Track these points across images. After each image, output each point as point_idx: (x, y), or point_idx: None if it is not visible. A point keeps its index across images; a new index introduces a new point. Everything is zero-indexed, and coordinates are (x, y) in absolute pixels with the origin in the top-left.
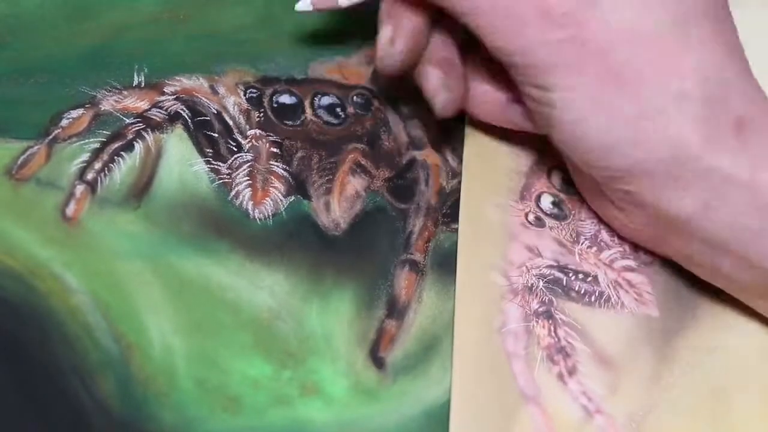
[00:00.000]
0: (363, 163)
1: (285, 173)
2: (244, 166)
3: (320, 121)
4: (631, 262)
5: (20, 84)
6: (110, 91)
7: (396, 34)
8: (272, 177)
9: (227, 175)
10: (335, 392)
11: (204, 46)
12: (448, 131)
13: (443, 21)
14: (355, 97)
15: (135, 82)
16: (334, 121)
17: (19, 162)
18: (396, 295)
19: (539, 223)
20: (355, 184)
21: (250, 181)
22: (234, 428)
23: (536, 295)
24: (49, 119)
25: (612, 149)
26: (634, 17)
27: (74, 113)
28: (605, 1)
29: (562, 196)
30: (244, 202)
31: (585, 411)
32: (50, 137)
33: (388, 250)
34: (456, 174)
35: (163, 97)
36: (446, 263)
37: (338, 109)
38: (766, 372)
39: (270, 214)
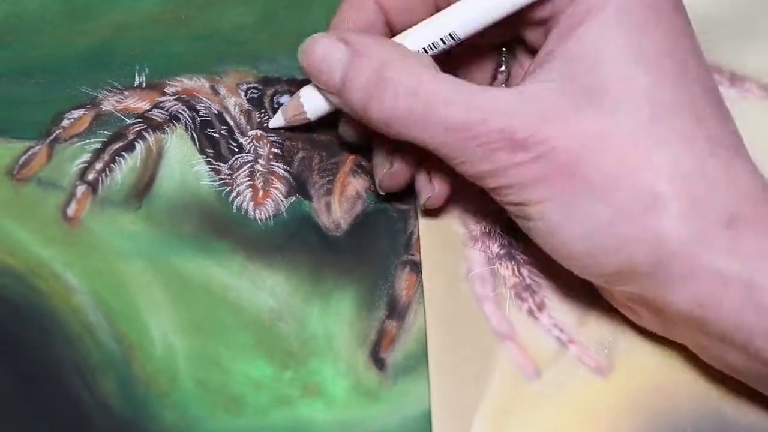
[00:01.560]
0: (364, 163)
1: (286, 174)
2: (245, 167)
3: None
4: None
5: (21, 84)
6: (111, 91)
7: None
8: (273, 177)
9: (228, 175)
10: (336, 393)
11: (205, 47)
12: None
13: None
14: None
15: (136, 83)
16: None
17: (20, 162)
18: (397, 296)
19: None
20: (356, 184)
21: (251, 182)
22: (235, 429)
23: (495, 239)
24: (50, 119)
25: (594, 256)
26: (601, 122)
27: (75, 113)
28: (569, 114)
29: None
30: (245, 203)
31: (559, 342)
32: (51, 137)
33: (389, 250)
34: None
35: (164, 98)
36: None
37: None
38: None
39: (271, 214)
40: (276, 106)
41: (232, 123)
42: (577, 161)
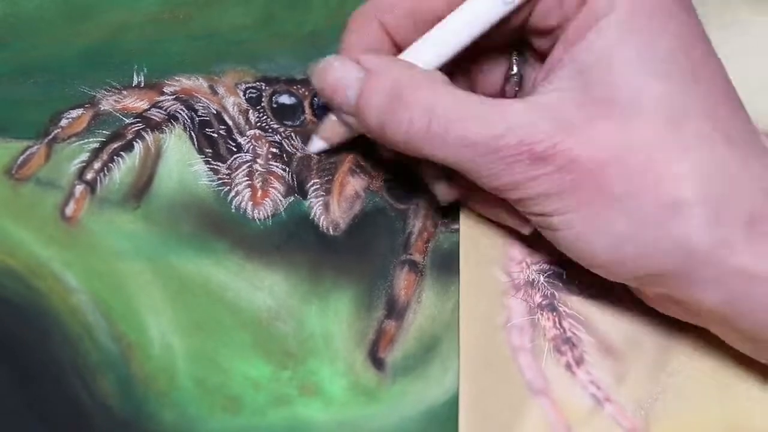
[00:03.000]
0: (362, 163)
1: (284, 173)
2: (244, 167)
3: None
4: None
5: (20, 84)
6: (110, 90)
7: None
8: (272, 177)
9: (227, 175)
10: (335, 393)
11: (203, 46)
12: None
13: None
14: None
15: (134, 82)
16: None
17: (18, 162)
18: (395, 295)
19: None
20: (355, 184)
21: (250, 182)
22: (234, 428)
23: (538, 289)
24: (48, 119)
25: (620, 263)
26: (618, 132)
27: (74, 113)
28: (585, 125)
29: None
30: (244, 203)
31: (595, 400)
32: (50, 137)
33: (388, 250)
34: None
35: (162, 97)
36: (446, 264)
37: None
38: None
39: (269, 214)
40: (275, 105)
41: (230, 123)
42: (596, 172)
